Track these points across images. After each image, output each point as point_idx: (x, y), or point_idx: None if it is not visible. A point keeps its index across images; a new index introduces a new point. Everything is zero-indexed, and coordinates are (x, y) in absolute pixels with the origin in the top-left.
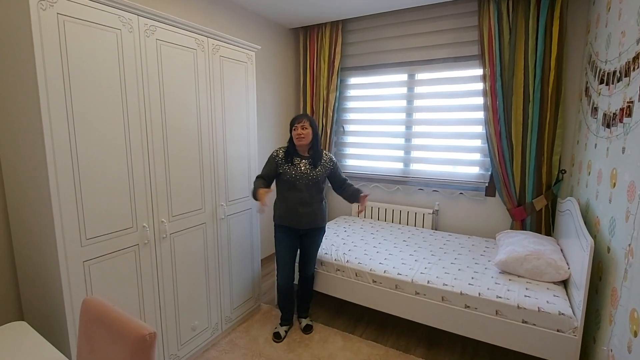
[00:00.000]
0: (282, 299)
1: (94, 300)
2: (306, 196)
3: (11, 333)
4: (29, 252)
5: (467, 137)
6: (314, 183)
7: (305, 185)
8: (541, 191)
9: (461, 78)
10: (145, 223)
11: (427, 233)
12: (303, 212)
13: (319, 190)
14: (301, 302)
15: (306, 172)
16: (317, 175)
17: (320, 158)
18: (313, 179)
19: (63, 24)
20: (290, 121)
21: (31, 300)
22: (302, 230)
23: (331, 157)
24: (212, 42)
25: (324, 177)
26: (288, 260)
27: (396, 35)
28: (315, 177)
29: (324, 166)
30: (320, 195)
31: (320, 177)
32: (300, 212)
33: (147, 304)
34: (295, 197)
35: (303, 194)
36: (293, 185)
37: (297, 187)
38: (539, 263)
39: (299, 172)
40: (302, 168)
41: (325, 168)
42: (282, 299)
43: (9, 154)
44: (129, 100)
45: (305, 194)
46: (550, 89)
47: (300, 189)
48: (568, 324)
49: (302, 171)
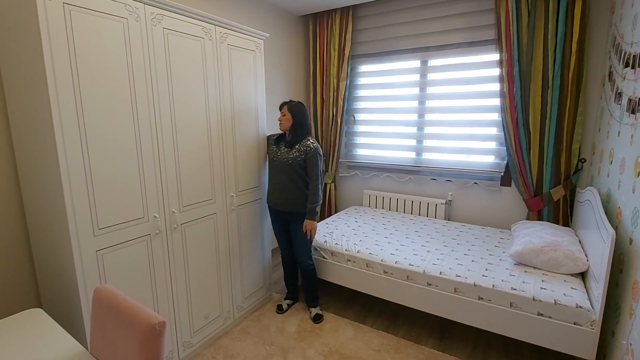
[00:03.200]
0: (284, 272)
1: (105, 289)
2: (282, 179)
3: (27, 320)
4: (44, 242)
5: (482, 125)
6: (287, 166)
7: (281, 168)
8: (559, 181)
9: (476, 64)
10: (156, 213)
11: (439, 224)
12: (280, 194)
13: (297, 175)
14: (305, 291)
15: (282, 154)
16: (290, 158)
17: (296, 143)
18: (286, 161)
19: (69, 13)
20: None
21: (48, 288)
22: (281, 212)
23: (309, 146)
24: (220, 31)
25: (301, 163)
26: (280, 238)
27: (408, 21)
28: (287, 160)
29: (298, 150)
30: (298, 180)
31: (293, 162)
32: (277, 194)
33: (159, 292)
34: (275, 179)
35: (280, 176)
36: (273, 167)
37: (275, 168)
38: (556, 255)
39: (277, 154)
40: (281, 150)
41: (300, 152)
42: (284, 272)
43: (23, 146)
44: (137, 90)
45: (282, 177)
46: (570, 74)
47: (279, 170)
48: (586, 317)
49: (280, 154)
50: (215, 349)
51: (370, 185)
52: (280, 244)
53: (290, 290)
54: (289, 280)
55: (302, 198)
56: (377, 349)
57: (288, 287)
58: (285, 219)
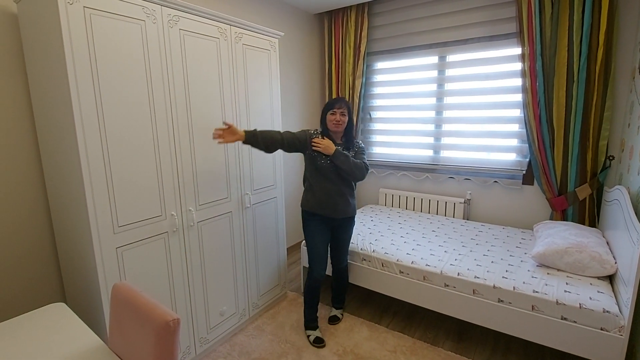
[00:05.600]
0: (310, 300)
1: (123, 285)
2: (337, 184)
3: (50, 314)
4: (68, 240)
5: (503, 121)
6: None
7: (335, 173)
8: (585, 179)
9: (497, 58)
10: (173, 211)
11: (457, 223)
12: (336, 201)
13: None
14: (338, 292)
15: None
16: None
17: (353, 145)
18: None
19: (90, 17)
20: (327, 104)
21: (71, 284)
22: (332, 219)
23: (360, 144)
24: (235, 31)
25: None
26: (322, 251)
27: (425, 16)
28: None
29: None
30: (352, 184)
31: None
32: (332, 200)
33: (177, 289)
34: (325, 184)
35: (334, 181)
36: (326, 172)
37: (329, 173)
38: (581, 256)
39: (325, 160)
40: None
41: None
42: (310, 301)
43: (48, 149)
44: (155, 91)
45: (336, 182)
46: (597, 68)
47: (332, 175)
48: (613, 323)
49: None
50: (231, 345)
51: (386, 184)
52: (318, 262)
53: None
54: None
55: (354, 201)
56: (393, 350)
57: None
58: (334, 226)
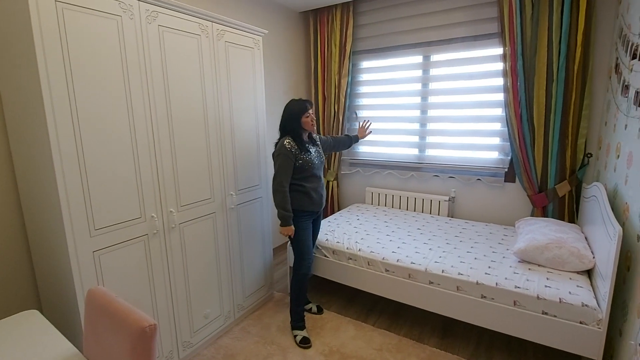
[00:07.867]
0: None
1: (98, 290)
2: (320, 178)
3: (22, 322)
4: (42, 243)
5: (486, 120)
6: (321, 163)
7: (318, 168)
8: (564, 176)
9: (480, 58)
10: (153, 213)
11: (442, 221)
12: (322, 194)
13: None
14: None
15: (314, 156)
16: (321, 155)
17: (315, 139)
18: (319, 159)
19: (62, 12)
20: (300, 108)
21: (47, 290)
22: (317, 212)
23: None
24: (217, 27)
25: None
26: (312, 246)
27: (410, 15)
28: (321, 157)
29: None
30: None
31: (323, 156)
32: (319, 194)
33: (158, 293)
34: (314, 181)
35: (319, 176)
36: (313, 171)
37: (313, 172)
38: (561, 252)
39: (310, 158)
40: (313, 152)
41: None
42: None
43: (19, 148)
44: (133, 89)
45: (320, 176)
46: (576, 67)
47: (317, 171)
48: (592, 316)
49: (312, 157)
50: (216, 348)
51: (372, 183)
52: (309, 255)
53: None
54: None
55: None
56: (379, 348)
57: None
58: (315, 219)
